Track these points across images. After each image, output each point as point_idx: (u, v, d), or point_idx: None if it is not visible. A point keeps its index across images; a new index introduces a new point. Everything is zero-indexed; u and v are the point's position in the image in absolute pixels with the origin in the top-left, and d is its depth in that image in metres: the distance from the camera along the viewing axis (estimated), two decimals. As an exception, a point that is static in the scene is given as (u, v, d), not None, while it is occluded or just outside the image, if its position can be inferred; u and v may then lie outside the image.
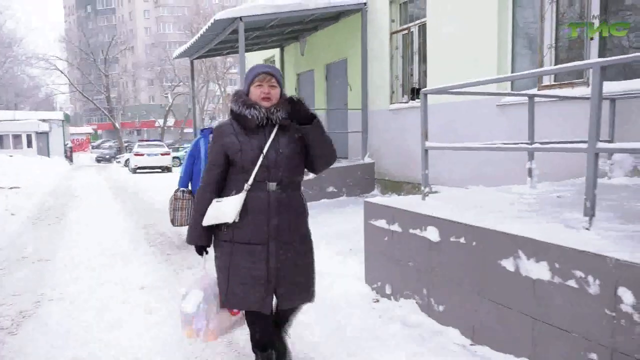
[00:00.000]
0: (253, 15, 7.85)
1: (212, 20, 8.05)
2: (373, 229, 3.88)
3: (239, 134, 2.29)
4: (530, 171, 4.28)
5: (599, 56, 5.26)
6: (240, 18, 7.81)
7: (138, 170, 21.20)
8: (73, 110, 65.68)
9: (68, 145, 32.51)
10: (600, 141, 2.45)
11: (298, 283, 2.38)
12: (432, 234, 3.17)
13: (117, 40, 46.00)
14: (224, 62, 41.70)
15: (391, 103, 8.70)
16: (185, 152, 25.62)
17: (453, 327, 3.03)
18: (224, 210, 2.25)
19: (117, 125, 40.31)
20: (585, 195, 2.49)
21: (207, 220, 2.31)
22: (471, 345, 2.86)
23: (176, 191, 5.65)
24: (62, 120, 31.71)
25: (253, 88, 2.31)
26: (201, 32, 8.91)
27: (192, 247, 4.96)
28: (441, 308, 3.14)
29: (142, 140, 26.25)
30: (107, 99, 40.92)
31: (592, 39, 5.30)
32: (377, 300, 3.71)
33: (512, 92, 5.87)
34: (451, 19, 6.97)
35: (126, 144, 39.97)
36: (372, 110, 9.02)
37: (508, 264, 2.61)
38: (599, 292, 2.16)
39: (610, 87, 4.98)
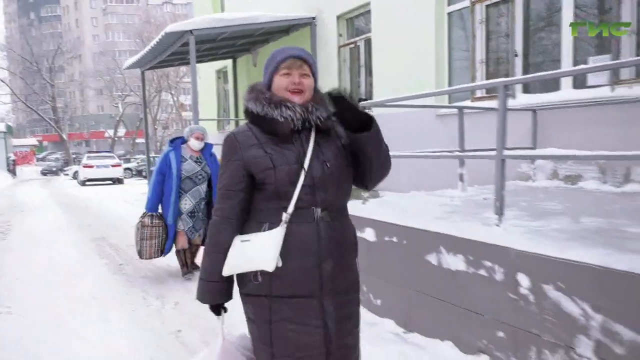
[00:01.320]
0: (203, 29, 8.01)
1: (162, 33, 8.16)
2: (318, 233, 4.15)
3: (265, 144, 1.64)
4: (461, 176, 4.72)
5: (524, 72, 5.81)
6: (191, 31, 7.96)
7: (87, 183, 20.63)
8: (16, 122, 62.60)
9: (11, 158, 31.03)
10: (506, 149, 2.84)
11: (353, 345, 1.74)
12: (369, 235, 3.48)
13: (63, 48, 44.45)
14: (177, 71, 41.15)
15: (340, 113, 9.04)
16: (138, 163, 24.89)
17: (389, 318, 3.33)
18: (257, 254, 1.58)
19: (64, 136, 38.92)
20: (495, 196, 2.86)
21: (230, 269, 1.64)
22: (404, 333, 3.17)
23: (143, 216, 4.66)
24: (4, 132, 30.28)
25: (278, 78, 1.67)
26: (152, 44, 8.97)
27: (145, 259, 4.93)
28: (379, 302, 3.44)
29: (91, 152, 25.50)
30: (52, 109, 39.44)
31: (516, 55, 5.85)
32: (323, 299, 3.97)
33: (444, 105, 6.32)
34: (393, 34, 7.42)
35: (74, 156, 38.60)
36: (322, 121, 9.33)
37: (432, 258, 2.95)
38: (503, 278, 2.52)
39: (530, 99, 5.54)
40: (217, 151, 3.38)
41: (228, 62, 13.16)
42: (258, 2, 11.11)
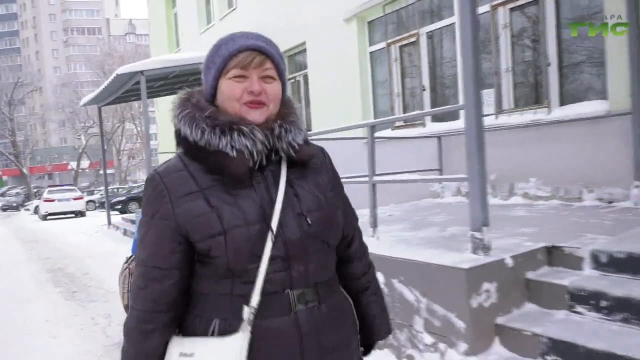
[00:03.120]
0: (153, 69, 8.67)
1: (114, 74, 8.76)
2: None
3: (208, 190, 1.04)
4: (373, 197, 5.49)
5: (431, 103, 6.69)
6: (142, 72, 8.59)
7: (49, 217, 20.64)
8: (-27, 157, 60.99)
9: (-32, 195, 30.45)
10: (376, 175, 3.58)
11: None
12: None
13: (23, 81, 44.14)
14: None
15: (286, 142, 9.82)
16: (102, 194, 24.79)
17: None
18: None
19: (24, 170, 38.37)
20: (370, 213, 3.59)
21: None
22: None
23: (129, 262, 3.45)
24: (-39, 169, 29.74)
25: (226, 83, 1.06)
26: (105, 84, 9.56)
27: (97, 284, 5.48)
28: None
29: (52, 186, 25.43)
30: (12, 143, 38.97)
31: (424, 90, 6.73)
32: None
33: (356, 136, 7.05)
34: (325, 70, 8.26)
35: (36, 190, 38.00)
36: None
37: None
38: (369, 277, 3.21)
39: (437, 127, 6.40)
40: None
41: (184, 96, 13.79)
42: (210, 40, 11.85)
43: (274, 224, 1.02)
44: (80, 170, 44.20)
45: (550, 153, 5.18)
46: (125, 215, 14.30)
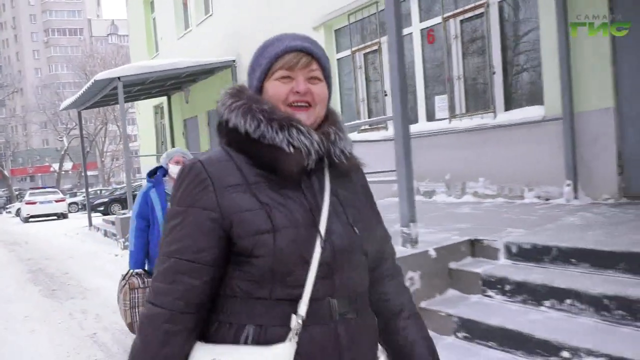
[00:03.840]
0: (130, 75, 8.95)
1: (92, 81, 9.03)
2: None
3: (255, 186, 0.98)
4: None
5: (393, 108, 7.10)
6: (119, 78, 8.87)
7: (31, 219, 20.69)
8: (-48, 160, 60.05)
9: (-52, 198, 30.18)
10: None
11: None
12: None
13: (3, 83, 43.72)
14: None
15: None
16: (84, 196, 24.89)
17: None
18: None
19: (5, 172, 38.09)
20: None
21: None
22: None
23: (128, 276, 3.32)
24: (-60, 172, 29.48)
25: (272, 84, 1.03)
26: (83, 89, 9.81)
27: (76, 282, 5.83)
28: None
29: (34, 188, 25.42)
30: (-7, 145, 38.57)
31: (386, 95, 7.13)
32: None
33: None
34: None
35: (18, 192, 37.71)
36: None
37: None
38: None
39: (397, 130, 6.81)
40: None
41: (163, 99, 14.06)
42: (188, 45, 12.17)
43: (322, 227, 0.97)
44: (63, 172, 43.92)
45: (496, 154, 5.63)
46: (106, 217, 14.51)
